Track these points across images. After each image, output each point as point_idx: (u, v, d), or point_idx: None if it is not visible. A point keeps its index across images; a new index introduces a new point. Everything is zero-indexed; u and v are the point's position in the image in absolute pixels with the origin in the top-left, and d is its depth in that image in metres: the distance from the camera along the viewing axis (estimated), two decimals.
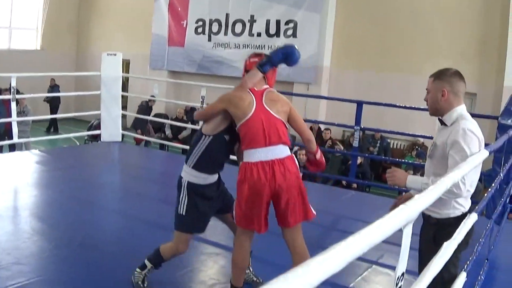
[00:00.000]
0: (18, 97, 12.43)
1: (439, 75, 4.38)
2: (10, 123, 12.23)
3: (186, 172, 5.21)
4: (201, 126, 5.33)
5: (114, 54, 13.01)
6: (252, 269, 5.86)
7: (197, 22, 21.89)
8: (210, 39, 21.53)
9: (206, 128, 5.19)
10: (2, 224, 7.29)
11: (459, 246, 3.94)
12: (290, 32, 19.20)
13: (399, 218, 2.47)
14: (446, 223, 4.32)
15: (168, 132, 19.34)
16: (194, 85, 15.11)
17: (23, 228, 7.14)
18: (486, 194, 5.15)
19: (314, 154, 5.33)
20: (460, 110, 4.28)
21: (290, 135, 5.79)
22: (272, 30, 19.70)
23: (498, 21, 16.39)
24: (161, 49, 23.17)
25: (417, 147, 16.63)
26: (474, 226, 4.18)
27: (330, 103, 18.36)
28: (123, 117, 13.72)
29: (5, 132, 15.31)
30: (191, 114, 19.52)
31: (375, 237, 2.19)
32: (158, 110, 21.89)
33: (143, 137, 17.17)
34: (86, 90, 15.97)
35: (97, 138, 14.79)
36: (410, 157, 16.21)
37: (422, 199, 2.77)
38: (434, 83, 4.39)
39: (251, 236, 5.22)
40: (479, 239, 5.58)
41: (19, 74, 12.03)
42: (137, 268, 5.59)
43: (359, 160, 13.22)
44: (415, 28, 17.49)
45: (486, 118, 12.12)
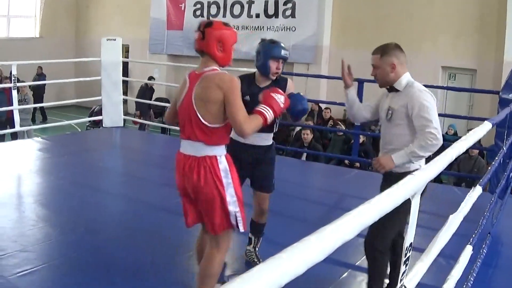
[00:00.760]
0: (19, 85, 12.42)
1: (386, 51, 4.72)
2: (12, 112, 12.22)
3: None
4: None
5: (114, 39, 12.98)
6: (257, 249, 5.85)
7: (195, 5, 21.86)
8: None
9: None
10: (7, 211, 7.30)
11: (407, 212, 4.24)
12: (288, 12, 19.16)
13: (408, 188, 2.47)
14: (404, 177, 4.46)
15: None
16: (194, 68, 15.10)
17: (28, 215, 7.14)
18: (489, 168, 5.17)
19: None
20: (407, 76, 4.68)
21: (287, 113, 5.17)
22: (270, 11, 19.65)
23: None
24: (160, 33, 23.17)
25: None
26: (427, 188, 4.29)
27: (331, 83, 18.31)
28: (125, 102, 13.72)
29: (6, 120, 15.32)
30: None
31: (385, 205, 2.20)
32: (159, 94, 21.89)
33: (140, 120, 17.15)
34: (86, 76, 15.96)
35: (98, 124, 14.80)
36: None
37: (429, 170, 2.77)
38: (382, 59, 4.70)
39: (201, 232, 4.92)
40: (483, 213, 5.59)
41: (20, 62, 12.01)
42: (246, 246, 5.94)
43: (361, 138, 13.18)
44: (414, 5, 17.46)
45: (487, 93, 12.10)
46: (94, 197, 8.14)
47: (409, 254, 2.88)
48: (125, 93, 14.06)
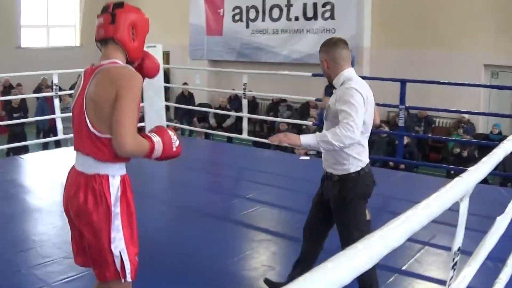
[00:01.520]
0: (60, 93, 12.52)
1: (320, 48, 4.73)
2: (55, 120, 12.33)
3: None
4: None
5: (154, 46, 13.02)
6: None
7: (233, 10, 21.80)
8: (248, 26, 21.43)
9: None
10: (52, 219, 7.38)
11: (360, 203, 4.65)
12: (327, 14, 19.00)
13: (456, 191, 2.43)
14: (347, 179, 4.60)
15: (212, 121, 19.34)
16: (235, 72, 15.12)
17: None
18: None
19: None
20: (346, 73, 4.56)
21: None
22: (309, 13, 19.51)
23: None
24: (199, 39, 23.13)
25: (462, 124, 16.41)
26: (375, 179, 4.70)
27: (373, 84, 17.96)
28: (167, 108, 13.77)
29: (50, 129, 15.46)
30: (235, 102, 19.55)
31: (433, 209, 2.16)
32: (201, 99, 21.89)
33: (183, 126, 17.19)
34: None
35: (141, 130, 14.87)
36: (457, 134, 16.00)
37: (477, 171, 2.73)
38: (319, 55, 4.71)
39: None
40: None
41: (61, 71, 12.12)
42: None
43: (406, 140, 13.06)
44: (454, 2, 17.21)
45: None
46: (139, 202, 8.11)
47: (457, 259, 2.84)
48: (166, 99, 14.11)
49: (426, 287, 5.65)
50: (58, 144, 14.96)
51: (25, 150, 15.50)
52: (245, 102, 12.22)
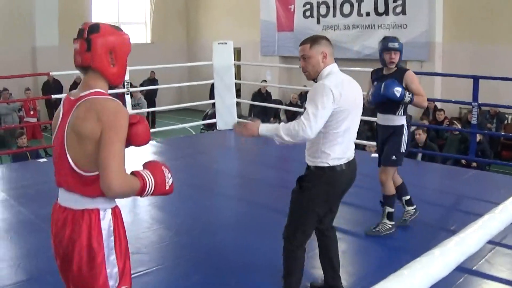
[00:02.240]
0: (132, 90, 12.65)
1: (316, 41, 4.58)
2: None
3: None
4: None
5: (225, 43, 13.11)
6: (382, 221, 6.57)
7: (304, 6, 21.74)
8: (319, 22, 21.34)
9: None
10: (122, 215, 7.42)
11: (316, 199, 4.53)
12: (399, 9, 18.75)
13: None
14: (313, 172, 4.61)
15: (283, 117, 19.31)
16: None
17: (143, 217, 7.27)
18: None
19: None
20: (330, 68, 4.55)
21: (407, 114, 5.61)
22: (380, 9, 19.29)
23: None
24: (270, 35, 23.16)
25: None
26: (342, 181, 4.60)
27: (445, 80, 17.86)
28: (238, 105, 13.80)
29: None
30: (306, 99, 19.47)
31: (511, 212, 2.09)
32: (272, 96, 21.89)
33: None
34: (199, 79, 16.09)
35: (212, 127, 14.92)
36: None
37: None
38: (313, 49, 4.56)
39: None
40: None
41: (132, 67, 12.22)
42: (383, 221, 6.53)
43: (478, 137, 12.81)
44: None
45: None
46: (209, 199, 8.21)
47: None
48: (237, 95, 14.14)
49: None
50: None
51: None
52: None
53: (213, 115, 14.80)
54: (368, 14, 19.65)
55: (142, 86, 21.09)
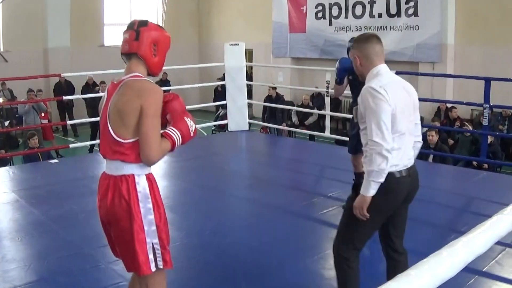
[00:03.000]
0: None
1: (354, 43, 4.52)
2: None
3: None
4: None
5: (237, 44, 13.12)
6: None
7: (316, 7, 21.72)
8: (331, 23, 21.31)
9: None
10: None
11: (371, 209, 4.20)
12: (411, 11, 18.71)
13: None
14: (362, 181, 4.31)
15: (294, 118, 19.29)
16: (318, 70, 15.04)
17: None
18: None
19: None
20: (376, 70, 4.33)
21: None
22: (393, 10, 19.24)
23: None
24: (282, 36, 23.15)
25: None
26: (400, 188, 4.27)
27: (457, 81, 17.80)
28: (249, 106, 13.80)
29: None
30: (317, 100, 19.47)
31: None
32: (284, 97, 21.87)
33: (268, 124, 17.12)
34: (210, 80, 16.12)
35: (224, 128, 14.94)
36: None
37: None
38: (352, 52, 4.55)
39: (132, 276, 4.22)
40: None
41: None
42: None
43: (489, 139, 12.75)
44: None
45: None
46: (221, 200, 8.20)
47: None
48: (249, 97, 14.14)
49: None
50: None
51: None
52: (327, 100, 12.13)
53: (224, 116, 14.82)
54: (380, 15, 19.62)
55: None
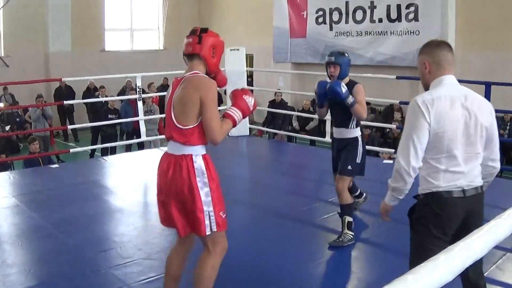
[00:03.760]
0: (144, 96, 12.66)
1: (421, 50, 4.21)
2: (138, 122, 12.49)
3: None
4: None
5: (237, 49, 13.13)
6: (343, 233, 6.57)
7: (317, 12, 21.71)
8: (331, 28, 21.30)
9: None
10: (133, 220, 7.47)
11: (424, 234, 3.97)
12: (411, 16, 18.69)
13: None
14: (417, 200, 4.15)
15: (295, 124, 19.29)
16: (319, 75, 15.04)
17: (154, 223, 7.25)
18: None
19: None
20: (440, 80, 4.07)
21: None
22: (393, 15, 19.23)
23: None
24: (283, 41, 23.13)
25: None
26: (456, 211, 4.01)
27: None
28: None
29: (133, 131, 15.67)
30: None
31: None
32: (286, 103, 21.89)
33: (264, 128, 17.11)
34: None
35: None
36: None
37: None
38: (418, 58, 4.22)
39: (178, 238, 4.93)
40: None
41: (144, 73, 12.26)
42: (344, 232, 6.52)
43: None
44: None
45: None
46: None
47: None
48: None
49: None
50: (141, 146, 15.17)
51: (112, 151, 15.83)
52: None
53: None
54: (380, 20, 19.60)
55: (158, 90, 21.08)
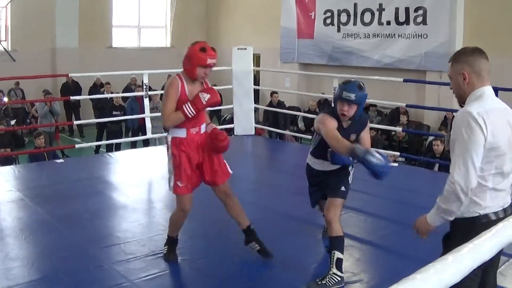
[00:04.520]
0: (150, 93, 12.66)
1: (456, 58, 3.89)
2: (144, 119, 12.50)
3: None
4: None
5: (245, 49, 13.13)
6: (331, 271, 5.34)
7: (325, 13, 21.68)
8: (339, 30, 21.26)
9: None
10: (137, 217, 7.46)
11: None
12: (419, 19, 18.64)
13: None
14: (457, 224, 3.77)
15: (301, 124, 19.28)
16: (325, 76, 15.04)
17: (158, 220, 7.27)
18: None
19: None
20: (480, 92, 3.73)
21: None
22: (401, 18, 19.18)
23: None
24: (290, 42, 23.13)
25: None
26: None
27: None
28: (256, 110, 13.79)
29: (139, 127, 15.68)
30: (324, 106, 19.40)
31: None
32: (291, 102, 21.78)
33: (268, 128, 17.09)
34: (218, 84, 16.11)
35: (230, 132, 14.93)
36: None
37: None
38: (452, 68, 3.88)
39: None
40: None
41: (151, 71, 12.27)
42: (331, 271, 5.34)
43: None
44: None
45: None
46: None
47: None
48: (256, 101, 14.13)
49: None
50: (146, 143, 15.18)
51: (117, 147, 15.85)
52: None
53: (231, 120, 14.81)
54: (388, 23, 19.56)
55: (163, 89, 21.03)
